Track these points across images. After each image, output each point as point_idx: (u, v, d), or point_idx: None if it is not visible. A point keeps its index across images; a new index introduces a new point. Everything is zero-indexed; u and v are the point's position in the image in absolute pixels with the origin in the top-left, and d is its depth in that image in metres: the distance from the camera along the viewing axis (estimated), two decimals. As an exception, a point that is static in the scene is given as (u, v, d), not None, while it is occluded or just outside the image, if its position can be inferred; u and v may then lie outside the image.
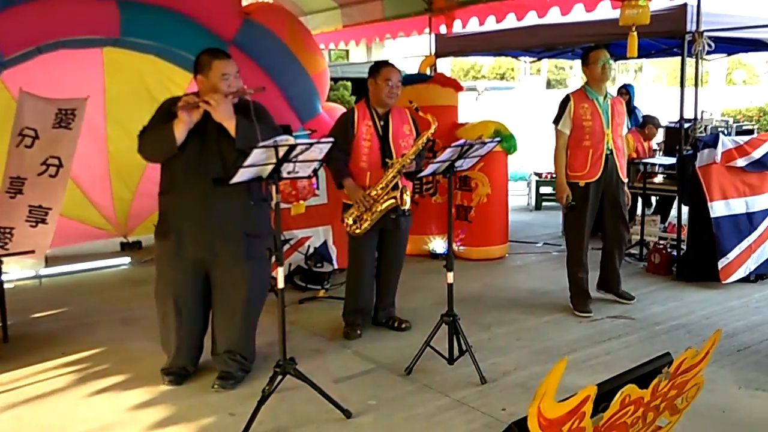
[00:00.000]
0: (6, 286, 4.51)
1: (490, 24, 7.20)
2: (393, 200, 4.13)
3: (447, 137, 6.24)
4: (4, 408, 3.44)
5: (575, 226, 4.89)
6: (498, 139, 4.01)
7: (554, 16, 6.61)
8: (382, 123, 4.28)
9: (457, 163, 3.66)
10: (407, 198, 4.17)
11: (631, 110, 7.75)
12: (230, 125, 3.33)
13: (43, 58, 5.14)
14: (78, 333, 4.54)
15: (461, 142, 3.57)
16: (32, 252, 4.81)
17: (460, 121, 6.68)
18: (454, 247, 6.05)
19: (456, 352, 3.83)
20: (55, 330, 4.61)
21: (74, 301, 5.27)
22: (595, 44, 5.10)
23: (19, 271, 5.28)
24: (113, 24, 5.20)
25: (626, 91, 7.99)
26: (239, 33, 5.68)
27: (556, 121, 4.80)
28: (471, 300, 5.12)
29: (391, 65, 4.33)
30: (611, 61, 4.82)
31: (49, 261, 5.81)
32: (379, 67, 4.29)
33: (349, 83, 11.89)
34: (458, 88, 6.66)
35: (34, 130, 5.04)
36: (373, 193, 4.16)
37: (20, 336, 4.46)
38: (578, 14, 6.46)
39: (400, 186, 4.15)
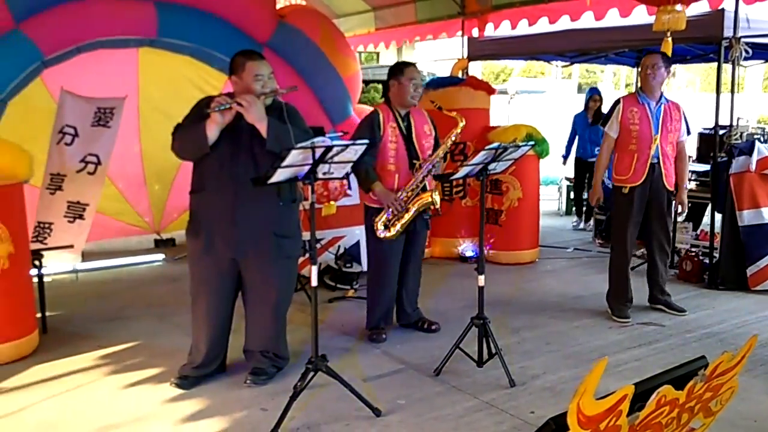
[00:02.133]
0: (45, 279, 4.62)
1: (523, 28, 7.20)
2: (426, 201, 4.14)
3: (479, 140, 6.26)
4: (44, 397, 3.54)
5: (619, 231, 4.85)
6: (532, 142, 4.01)
7: (588, 20, 6.59)
8: (405, 123, 4.28)
9: (491, 166, 3.67)
10: (438, 198, 4.18)
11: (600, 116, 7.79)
12: (262, 126, 3.36)
13: (80, 57, 5.27)
14: (113, 327, 4.64)
15: (495, 145, 3.58)
16: (71, 247, 4.94)
17: (492, 124, 6.68)
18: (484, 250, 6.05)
19: (485, 355, 3.84)
20: (92, 323, 4.72)
21: (110, 296, 5.39)
22: (650, 48, 5.07)
23: (57, 265, 5.40)
24: (151, 25, 5.33)
25: (599, 97, 8.01)
26: (274, 35, 5.77)
27: (604, 123, 4.81)
28: (500, 303, 5.12)
29: (413, 65, 4.33)
30: (664, 66, 4.70)
31: (86, 256, 5.95)
32: (402, 67, 4.28)
33: (380, 85, 11.96)
34: (490, 91, 6.67)
35: (74, 128, 5.19)
36: (404, 195, 4.18)
37: (58, 328, 4.57)
38: (613, 19, 6.42)
39: (431, 186, 4.16)
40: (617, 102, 4.79)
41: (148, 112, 6.31)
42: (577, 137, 8.04)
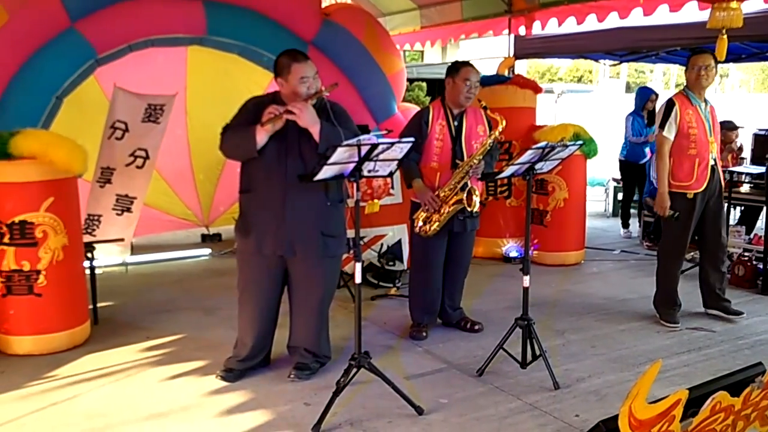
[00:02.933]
0: (96, 271, 4.74)
1: (570, 26, 7.09)
2: (460, 202, 4.11)
3: (525, 139, 6.20)
4: (95, 386, 3.64)
5: (676, 237, 4.67)
6: (580, 142, 3.94)
7: (637, 17, 6.44)
8: (455, 123, 4.26)
9: (538, 166, 3.63)
10: (476, 199, 4.13)
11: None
12: (315, 130, 3.39)
13: (131, 55, 5.38)
14: (161, 319, 4.74)
15: (542, 144, 3.54)
16: (121, 240, 5.05)
17: (538, 123, 6.61)
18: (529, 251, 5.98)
19: (529, 357, 3.80)
20: (140, 315, 4.83)
21: (158, 289, 5.51)
22: (699, 47, 4.93)
23: (107, 257, 5.54)
24: (200, 23, 5.41)
25: (656, 96, 7.67)
26: (319, 34, 5.80)
27: (662, 125, 4.57)
28: (545, 305, 5.06)
29: (471, 65, 4.30)
30: (713, 66, 4.56)
31: (135, 249, 6.09)
32: (459, 66, 4.27)
33: (424, 84, 11.92)
34: (537, 90, 6.59)
35: (125, 123, 5.30)
36: (442, 194, 4.16)
37: (108, 319, 4.69)
38: (662, 16, 6.25)
39: (469, 186, 4.13)
40: (672, 103, 4.57)
41: (196, 108, 6.42)
42: (626, 139, 7.70)
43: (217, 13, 5.39)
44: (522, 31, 7.66)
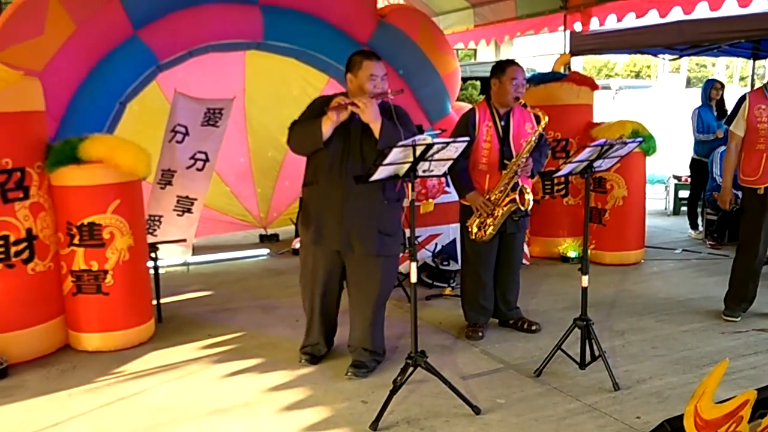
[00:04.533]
0: (159, 271, 4.89)
1: (630, 21, 6.93)
2: (513, 202, 4.07)
3: (582, 137, 6.11)
4: (159, 382, 3.77)
5: (752, 233, 4.59)
6: (640, 139, 3.86)
7: (702, 12, 6.24)
8: (502, 123, 4.22)
9: (596, 164, 3.57)
10: (528, 197, 4.07)
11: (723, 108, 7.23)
12: (376, 127, 3.48)
13: (191, 60, 5.54)
14: (222, 317, 4.86)
15: (601, 141, 3.49)
16: (184, 240, 5.20)
17: (596, 120, 6.49)
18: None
19: (588, 357, 3.75)
20: (202, 313, 4.96)
21: (218, 288, 5.64)
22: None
23: (170, 257, 5.71)
24: (257, 28, 5.52)
25: (721, 85, 7.36)
26: (374, 35, 5.84)
27: (728, 121, 4.60)
28: (604, 305, 4.98)
29: (516, 63, 4.25)
30: None
31: (195, 250, 6.25)
32: (504, 66, 4.21)
33: (477, 82, 11.85)
34: (594, 86, 6.48)
35: (185, 127, 5.45)
36: (493, 197, 4.13)
37: (171, 317, 4.84)
38: (730, 10, 6.03)
39: (520, 185, 4.08)
40: (743, 98, 4.54)
41: (254, 111, 6.56)
42: (694, 135, 7.39)
43: (274, 18, 5.50)
44: (578, 27, 7.55)
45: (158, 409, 3.44)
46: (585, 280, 3.73)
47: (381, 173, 3.17)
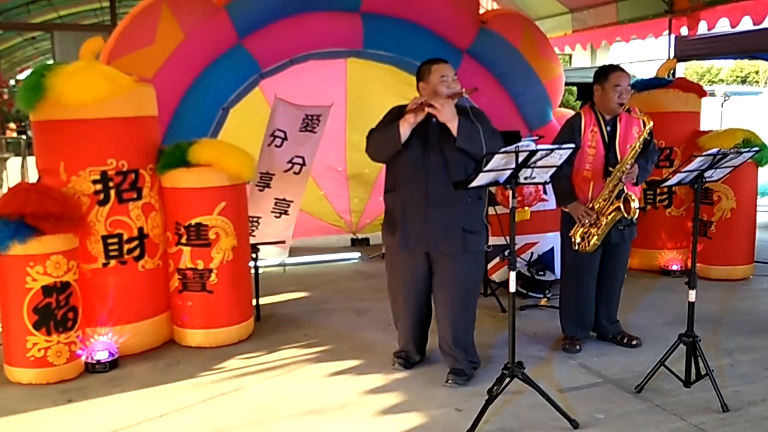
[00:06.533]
0: (259, 271, 5.05)
1: (745, 24, 6.56)
2: (618, 211, 3.93)
3: (688, 146, 5.85)
4: (258, 380, 3.88)
5: None
6: (756, 148, 3.66)
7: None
8: (608, 128, 4.09)
9: (707, 174, 3.42)
10: (634, 205, 3.91)
11: None
12: (453, 125, 3.49)
13: (293, 68, 5.68)
14: (317, 318, 4.96)
15: (714, 150, 3.33)
16: (283, 242, 5.35)
17: (702, 128, 6.20)
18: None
19: (693, 375, 3.58)
20: (298, 314, 5.08)
21: (313, 289, 5.76)
22: None
23: (268, 258, 5.87)
24: (357, 36, 5.60)
25: None
26: (474, 42, 5.80)
27: None
28: (709, 322, 4.74)
29: (620, 69, 4.10)
30: None
31: (291, 251, 6.40)
32: (607, 72, 4.07)
33: (574, 88, 11.57)
34: (702, 93, 6.18)
35: (284, 132, 5.60)
36: (597, 206, 4.01)
37: (269, 316, 4.98)
38: None
39: (625, 193, 3.94)
40: None
41: (354, 119, 6.62)
42: None
43: (374, 26, 5.56)
44: (684, 31, 7.25)
45: (257, 406, 3.54)
46: (692, 295, 3.58)
47: (481, 180, 3.15)
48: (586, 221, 4.03)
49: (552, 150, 3.11)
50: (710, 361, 3.64)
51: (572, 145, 3.17)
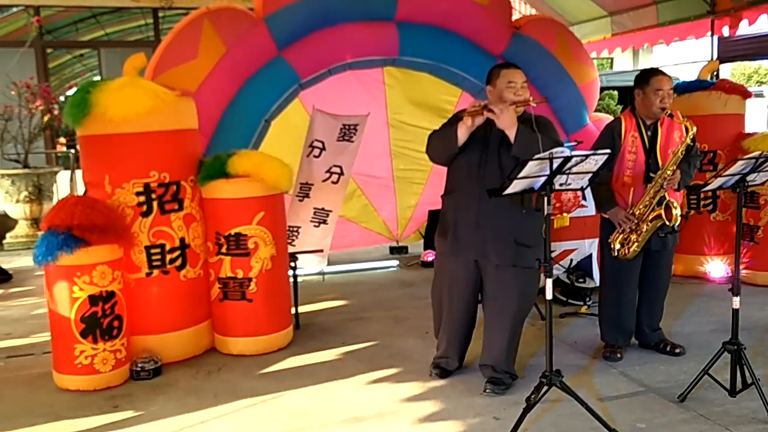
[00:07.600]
0: (298, 280, 5.11)
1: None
2: (659, 218, 3.86)
3: (732, 149, 5.73)
4: (298, 387, 3.92)
5: None
6: (801, 151, 3.56)
7: None
8: (649, 134, 4.03)
9: (750, 177, 3.34)
10: (676, 212, 3.83)
11: None
12: (511, 133, 3.45)
13: (331, 78, 5.75)
14: (355, 326, 4.99)
15: (756, 153, 3.26)
16: (321, 251, 5.41)
17: (747, 131, 6.06)
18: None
19: (739, 384, 3.49)
20: (336, 321, 5.12)
21: (351, 297, 5.80)
22: None
23: (305, 267, 5.94)
24: (393, 45, 5.64)
25: None
26: (508, 47, 5.79)
27: None
28: (757, 329, 4.62)
29: (661, 73, 4.04)
30: None
31: (330, 259, 6.45)
32: (648, 76, 4.01)
33: (615, 92, 11.43)
34: (746, 94, 6.05)
35: (322, 142, 5.67)
36: (637, 212, 3.94)
37: (308, 324, 5.03)
38: None
39: (666, 200, 3.87)
40: None
41: (397, 126, 6.67)
42: None
43: (409, 34, 5.60)
44: (725, 31, 7.10)
45: (297, 413, 3.58)
46: (736, 302, 3.49)
47: (515, 186, 3.13)
48: (626, 227, 3.97)
49: (587, 156, 3.08)
50: (757, 370, 3.55)
51: (607, 151, 3.13)
